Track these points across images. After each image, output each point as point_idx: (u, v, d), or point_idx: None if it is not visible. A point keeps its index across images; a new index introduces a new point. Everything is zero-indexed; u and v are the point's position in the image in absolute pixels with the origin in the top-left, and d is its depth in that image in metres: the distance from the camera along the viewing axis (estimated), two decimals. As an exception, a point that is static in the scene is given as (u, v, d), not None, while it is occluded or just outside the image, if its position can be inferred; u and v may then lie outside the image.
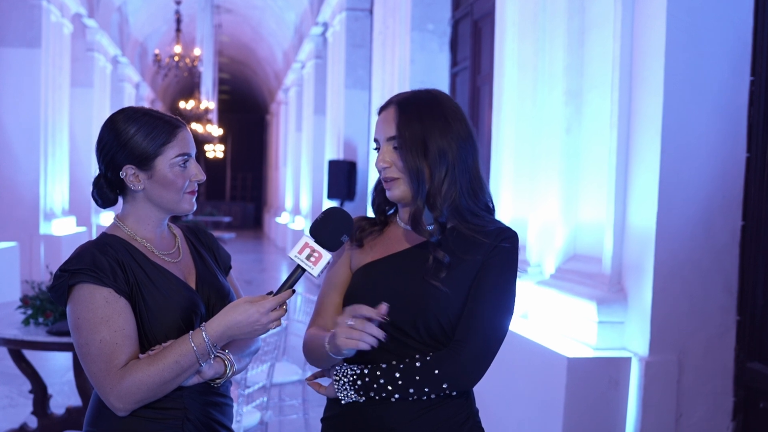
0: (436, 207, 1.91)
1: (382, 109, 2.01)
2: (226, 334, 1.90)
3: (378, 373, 1.89)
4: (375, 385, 1.89)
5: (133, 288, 1.96)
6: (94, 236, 12.04)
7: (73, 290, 1.93)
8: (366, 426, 1.93)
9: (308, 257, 1.87)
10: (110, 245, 2.00)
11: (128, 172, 2.01)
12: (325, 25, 14.48)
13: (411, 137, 1.91)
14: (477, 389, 2.07)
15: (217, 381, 2.02)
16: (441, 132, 1.92)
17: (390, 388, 1.88)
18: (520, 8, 5.28)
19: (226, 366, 1.98)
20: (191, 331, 1.92)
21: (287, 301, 1.93)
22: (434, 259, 1.91)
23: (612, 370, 3.83)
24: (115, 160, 2.01)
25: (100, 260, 1.94)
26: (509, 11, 5.43)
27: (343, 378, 1.92)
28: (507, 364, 4.27)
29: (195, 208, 2.08)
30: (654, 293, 3.75)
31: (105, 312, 1.90)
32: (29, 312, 4.15)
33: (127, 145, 1.99)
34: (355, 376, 1.91)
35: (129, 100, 20.47)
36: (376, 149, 2.01)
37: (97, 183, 2.07)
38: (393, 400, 1.90)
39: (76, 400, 5.71)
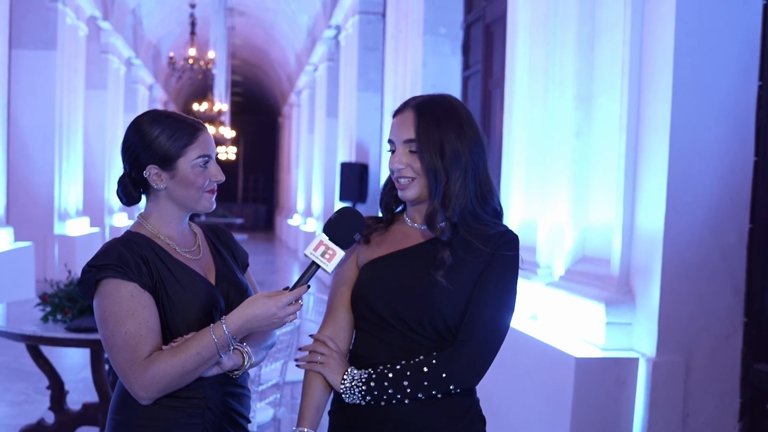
0: (449, 207, 1.98)
1: (397, 112, 2.06)
2: (245, 327, 1.99)
3: (386, 384, 1.95)
4: (385, 396, 1.96)
5: (156, 283, 2.05)
6: (108, 237, 12.16)
7: (100, 285, 2.02)
8: (372, 418, 2.00)
9: (323, 254, 1.96)
10: (135, 242, 2.08)
11: (151, 172, 2.09)
12: (338, 28, 14.55)
13: (429, 140, 1.98)
14: (487, 389, 2.14)
15: (236, 372, 2.11)
16: (456, 136, 1.98)
17: (399, 396, 1.95)
18: (531, 12, 5.34)
19: (244, 358, 2.08)
20: (212, 324, 2.01)
21: (302, 296, 2.01)
22: (440, 258, 1.97)
23: (619, 370, 3.88)
24: (139, 160, 2.09)
25: (126, 256, 2.02)
26: (521, 15, 5.48)
27: (351, 382, 1.98)
28: (516, 364, 4.33)
29: (215, 206, 2.17)
30: (661, 295, 3.79)
31: (130, 305, 1.99)
32: (48, 309, 4.23)
33: (151, 146, 2.08)
34: (362, 383, 1.97)
35: (142, 102, 20.61)
36: (390, 150, 2.06)
37: (121, 182, 2.16)
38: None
39: (90, 397, 5.77)
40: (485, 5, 7.84)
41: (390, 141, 2.06)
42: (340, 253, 1.97)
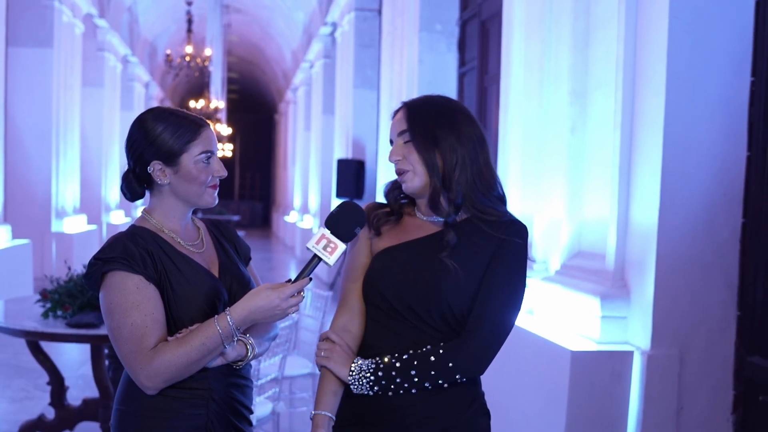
0: (452, 189, 2.03)
1: (395, 113, 2.13)
2: (249, 318, 2.04)
3: (393, 373, 1.99)
4: (392, 385, 2.00)
5: (161, 275, 2.10)
6: (105, 234, 12.13)
7: (106, 277, 2.06)
8: (378, 407, 2.04)
9: (325, 248, 2.00)
10: (140, 236, 2.13)
11: (155, 168, 2.14)
12: (334, 25, 14.58)
13: (421, 129, 2.05)
14: (485, 382, 2.18)
15: (239, 363, 2.15)
16: (449, 128, 2.05)
17: (407, 385, 2.00)
18: (526, 9, 5.37)
19: (247, 349, 2.13)
20: (216, 315, 2.06)
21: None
22: (446, 240, 2.03)
23: (615, 363, 3.92)
24: (143, 156, 2.14)
25: (131, 249, 2.07)
26: (516, 12, 5.52)
27: (359, 373, 2.02)
28: (513, 357, 4.38)
29: (217, 201, 2.21)
30: (656, 289, 3.83)
31: (136, 297, 2.04)
32: (48, 305, 4.27)
33: (155, 143, 2.12)
34: (370, 374, 2.01)
35: (138, 100, 20.62)
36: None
37: (126, 177, 2.21)
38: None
39: (89, 393, 5.81)
40: (481, 2, 7.88)
41: (390, 141, 2.13)
42: (341, 247, 2.02)
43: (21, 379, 6.45)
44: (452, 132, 2.04)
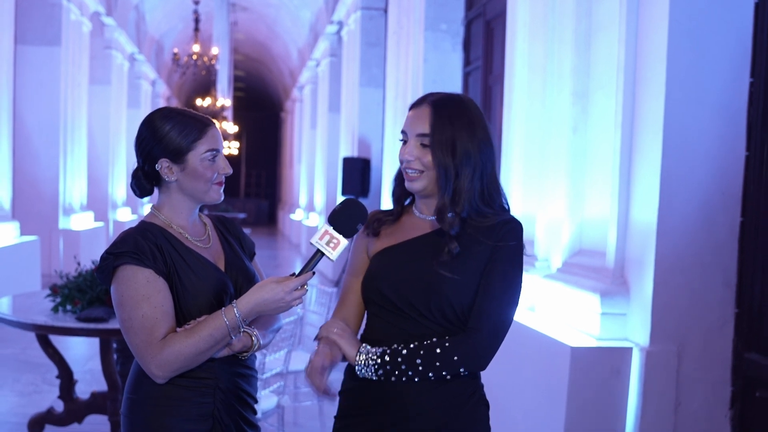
0: (459, 203, 2.09)
1: (414, 106, 2.16)
2: (254, 310, 2.13)
3: (399, 360, 2.06)
4: (397, 371, 2.07)
5: (170, 270, 2.18)
6: (111, 231, 12.16)
7: (118, 271, 2.15)
8: (381, 398, 2.11)
9: (328, 243, 2.09)
10: (150, 231, 2.22)
11: (163, 165, 2.23)
12: (340, 24, 14.64)
13: (442, 138, 2.08)
14: (486, 376, 2.25)
15: (244, 354, 2.24)
16: (468, 136, 2.09)
17: (411, 373, 2.06)
18: (530, 10, 5.42)
19: (252, 340, 2.21)
20: (224, 308, 2.15)
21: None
22: (447, 249, 2.08)
23: (614, 359, 3.97)
24: (151, 154, 2.23)
25: (142, 244, 2.16)
26: (520, 13, 5.57)
27: (366, 355, 2.09)
28: (514, 353, 4.44)
29: (222, 198, 2.29)
30: (655, 286, 3.89)
31: (146, 290, 2.12)
32: (58, 300, 4.34)
33: (162, 141, 2.21)
34: (377, 357, 2.08)
35: (145, 98, 20.69)
36: (402, 141, 2.17)
37: (135, 175, 2.30)
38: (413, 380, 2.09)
39: (97, 387, 5.88)
40: (485, 2, 7.93)
41: (403, 132, 2.16)
42: (343, 242, 2.10)
43: (29, 374, 6.54)
44: (471, 143, 2.08)
